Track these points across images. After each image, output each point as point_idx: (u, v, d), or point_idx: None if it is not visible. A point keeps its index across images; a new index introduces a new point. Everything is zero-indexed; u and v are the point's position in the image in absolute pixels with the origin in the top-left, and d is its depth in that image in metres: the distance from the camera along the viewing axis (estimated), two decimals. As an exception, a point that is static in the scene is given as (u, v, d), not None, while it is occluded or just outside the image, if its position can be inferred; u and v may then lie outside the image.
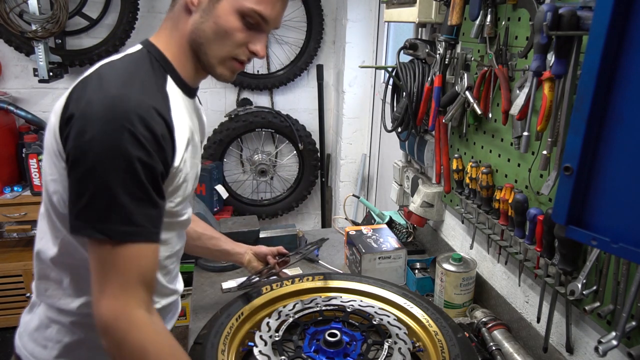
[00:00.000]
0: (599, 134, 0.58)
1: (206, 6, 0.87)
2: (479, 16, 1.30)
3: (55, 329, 0.95)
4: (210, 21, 0.87)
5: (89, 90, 0.81)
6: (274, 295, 1.25)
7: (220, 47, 0.89)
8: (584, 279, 1.00)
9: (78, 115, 0.78)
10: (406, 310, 1.20)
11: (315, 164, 3.42)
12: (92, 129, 0.77)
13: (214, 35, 0.88)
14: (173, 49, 0.91)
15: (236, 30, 0.88)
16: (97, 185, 0.77)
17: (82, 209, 0.78)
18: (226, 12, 0.86)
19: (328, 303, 1.22)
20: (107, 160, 0.76)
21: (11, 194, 2.78)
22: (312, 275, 1.33)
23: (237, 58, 0.91)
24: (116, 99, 0.78)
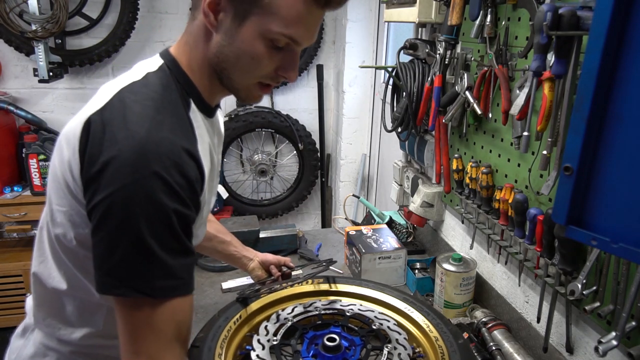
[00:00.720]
0: (599, 134, 0.58)
1: (228, 28, 0.76)
2: (479, 16, 1.30)
3: (53, 357, 0.89)
4: (234, 45, 0.77)
5: (114, 128, 0.71)
6: (273, 298, 1.23)
7: (245, 74, 0.80)
8: (584, 279, 1.00)
9: (104, 159, 0.69)
10: (406, 315, 1.17)
11: (315, 164, 3.42)
12: (122, 178, 0.68)
13: (239, 61, 0.78)
14: (194, 68, 0.82)
15: (263, 57, 0.77)
16: (132, 240, 0.69)
17: (115, 265, 0.70)
18: (251, 36, 0.75)
19: (327, 307, 1.21)
20: (142, 213, 0.68)
21: (11, 194, 2.78)
22: (311, 278, 1.31)
23: (265, 83, 0.83)
24: (147, 143, 0.69)
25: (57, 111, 3.10)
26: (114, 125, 0.71)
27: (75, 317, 0.87)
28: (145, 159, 0.69)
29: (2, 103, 2.80)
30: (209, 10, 0.75)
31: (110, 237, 0.70)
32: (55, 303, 0.87)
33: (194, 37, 0.81)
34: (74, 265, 0.82)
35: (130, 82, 0.78)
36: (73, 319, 0.87)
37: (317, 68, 3.27)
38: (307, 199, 3.57)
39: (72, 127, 0.76)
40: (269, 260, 1.34)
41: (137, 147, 0.69)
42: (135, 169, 0.68)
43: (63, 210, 0.79)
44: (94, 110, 0.75)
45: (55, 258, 0.85)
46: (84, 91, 3.12)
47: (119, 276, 0.70)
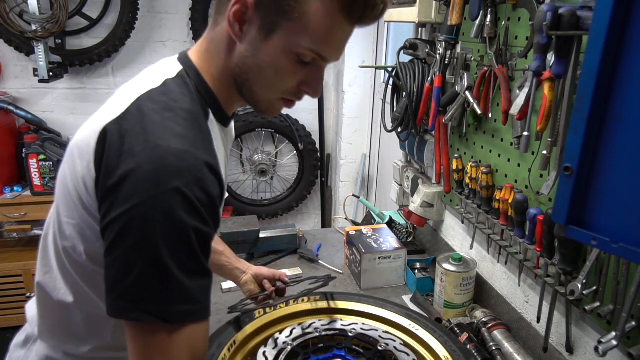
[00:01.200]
0: (599, 134, 0.58)
1: (254, 39, 0.72)
2: (479, 16, 1.30)
3: None
4: (258, 57, 0.73)
5: (133, 139, 0.67)
6: (267, 320, 1.15)
7: (268, 87, 0.77)
8: (584, 279, 1.00)
9: (121, 173, 0.65)
10: (412, 333, 1.12)
11: (315, 164, 3.42)
12: (141, 193, 0.64)
13: (262, 74, 0.75)
14: (215, 76, 0.78)
15: (288, 72, 0.74)
16: (149, 260, 0.64)
17: (130, 287, 0.65)
18: (277, 49, 0.72)
19: (328, 327, 1.13)
20: (160, 231, 0.64)
21: (11, 194, 2.78)
22: (306, 295, 1.25)
23: (287, 98, 0.80)
24: (167, 156, 0.65)
25: (57, 111, 3.10)
26: (133, 136, 0.67)
27: (82, 331, 0.83)
28: (166, 174, 0.64)
29: (2, 103, 2.81)
30: (235, 20, 0.72)
31: (125, 257, 0.65)
32: (61, 315, 0.83)
33: (215, 44, 0.77)
34: (82, 279, 0.79)
35: (148, 89, 0.73)
36: (80, 332, 0.83)
37: (317, 68, 3.27)
38: (307, 199, 3.57)
39: (86, 136, 0.71)
40: (262, 274, 1.24)
41: (157, 161, 0.65)
42: (155, 184, 0.64)
43: (73, 223, 0.74)
44: (110, 119, 0.70)
45: (61, 270, 0.81)
46: (84, 91, 3.12)
47: (133, 299, 0.65)
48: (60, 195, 0.77)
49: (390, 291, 1.59)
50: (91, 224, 0.72)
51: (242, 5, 0.70)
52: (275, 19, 0.70)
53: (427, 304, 1.46)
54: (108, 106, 0.74)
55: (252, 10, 0.70)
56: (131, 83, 0.78)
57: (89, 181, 0.69)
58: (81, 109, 3.14)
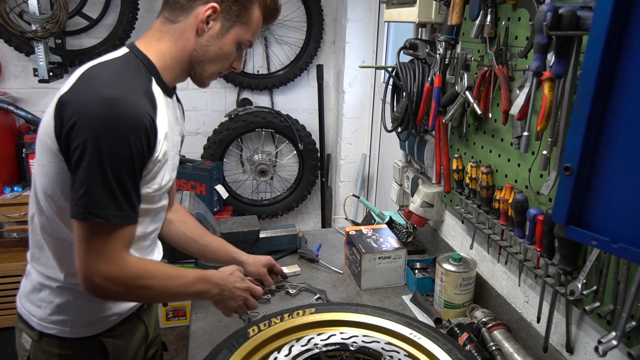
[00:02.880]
0: (599, 134, 0.58)
1: (215, 34, 1.03)
2: (479, 16, 1.30)
3: (46, 292, 1.08)
4: (216, 46, 1.04)
5: (85, 91, 0.91)
6: (262, 338, 1.11)
7: (216, 66, 1.08)
8: (584, 279, 1.00)
9: (77, 116, 0.88)
10: (415, 343, 1.09)
11: (315, 164, 3.42)
12: (93, 129, 0.87)
13: (216, 57, 1.06)
14: (166, 59, 1.04)
15: (231, 55, 1.09)
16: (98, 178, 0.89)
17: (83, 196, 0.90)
18: (230, 41, 1.05)
19: (327, 342, 1.09)
20: (110, 157, 0.89)
21: (11, 194, 2.78)
22: (301, 309, 1.21)
23: (222, 72, 1.13)
24: (114, 101, 0.89)
25: (57, 111, 3.10)
26: (85, 90, 0.92)
27: (57, 259, 1.06)
28: (114, 114, 0.88)
29: (2, 103, 2.81)
30: (204, 20, 1.01)
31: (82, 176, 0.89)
32: (45, 246, 1.06)
33: (173, 35, 1.03)
34: (56, 215, 1.01)
35: (96, 62, 0.98)
36: (56, 260, 1.06)
37: (317, 68, 3.27)
38: (307, 199, 3.57)
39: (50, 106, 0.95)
40: (260, 261, 1.44)
41: (106, 104, 0.88)
42: (106, 122, 0.88)
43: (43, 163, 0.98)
44: (64, 91, 0.93)
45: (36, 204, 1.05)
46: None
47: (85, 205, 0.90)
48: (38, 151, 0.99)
49: (390, 291, 1.59)
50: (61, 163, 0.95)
51: (213, 12, 1.01)
52: (232, 22, 1.04)
53: (427, 304, 1.46)
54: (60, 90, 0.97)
55: (218, 15, 1.02)
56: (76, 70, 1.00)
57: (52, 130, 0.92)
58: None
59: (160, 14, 1.06)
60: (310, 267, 1.73)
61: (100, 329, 1.12)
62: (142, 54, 1.02)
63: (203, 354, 1.14)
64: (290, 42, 3.33)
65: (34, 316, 1.09)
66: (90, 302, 1.09)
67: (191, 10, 1.01)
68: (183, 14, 1.02)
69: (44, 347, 1.10)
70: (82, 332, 1.10)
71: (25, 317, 1.11)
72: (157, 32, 1.04)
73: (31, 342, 1.11)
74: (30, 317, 1.10)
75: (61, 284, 1.07)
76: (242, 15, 1.04)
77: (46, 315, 1.08)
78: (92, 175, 0.89)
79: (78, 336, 1.10)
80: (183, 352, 2.77)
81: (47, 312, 1.08)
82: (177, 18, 1.03)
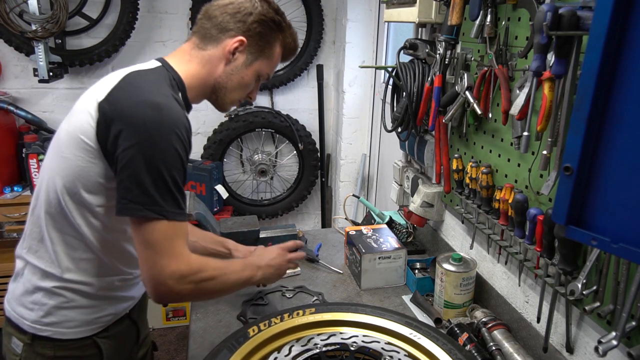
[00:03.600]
0: (599, 134, 0.58)
1: (240, 64, 1.12)
2: (479, 16, 1.30)
3: (39, 295, 1.08)
4: (239, 75, 1.13)
5: (130, 96, 0.96)
6: (262, 338, 1.11)
7: (237, 94, 1.17)
8: (584, 279, 1.00)
9: (125, 120, 0.93)
10: (414, 343, 1.10)
11: (315, 164, 3.42)
12: (143, 132, 0.92)
13: (237, 86, 1.15)
14: (193, 79, 1.11)
15: (250, 85, 1.18)
16: (153, 178, 0.93)
17: (139, 195, 0.93)
18: (251, 72, 1.15)
19: (328, 342, 1.09)
20: (162, 157, 0.93)
21: (11, 194, 2.78)
22: (301, 309, 1.21)
23: (240, 101, 1.22)
24: (160, 106, 0.95)
25: (57, 111, 3.10)
26: (130, 95, 0.96)
27: (58, 254, 1.06)
28: (163, 117, 0.94)
29: (2, 103, 2.80)
30: (231, 52, 1.10)
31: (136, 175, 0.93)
32: (43, 240, 1.07)
33: (202, 60, 1.11)
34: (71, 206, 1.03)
35: (133, 70, 1.03)
36: (56, 255, 1.06)
37: (317, 68, 3.27)
38: (307, 199, 3.57)
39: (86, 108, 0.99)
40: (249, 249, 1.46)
41: (154, 108, 0.94)
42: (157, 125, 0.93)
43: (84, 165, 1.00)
44: (102, 97, 0.97)
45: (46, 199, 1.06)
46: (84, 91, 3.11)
47: (142, 202, 0.93)
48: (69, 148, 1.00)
49: (390, 291, 1.59)
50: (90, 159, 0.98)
51: (240, 45, 1.10)
52: (256, 55, 1.14)
53: (427, 304, 1.46)
54: (94, 90, 1.01)
55: (244, 48, 1.11)
56: (109, 75, 1.06)
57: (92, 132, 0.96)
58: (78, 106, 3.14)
59: (190, 39, 1.14)
60: (310, 267, 1.73)
61: (95, 330, 1.12)
62: (173, 70, 1.08)
63: (203, 354, 1.14)
64: (290, 42, 3.32)
65: (26, 319, 1.08)
66: (85, 302, 1.09)
67: (220, 41, 1.10)
68: (212, 44, 1.10)
69: (37, 350, 1.09)
70: (77, 333, 1.10)
71: (16, 321, 1.10)
72: (186, 54, 1.12)
73: (22, 345, 1.10)
74: (22, 321, 1.09)
75: (57, 283, 1.07)
76: (266, 50, 1.14)
77: (39, 317, 1.08)
78: (146, 174, 0.92)
79: (73, 337, 1.10)
80: (183, 352, 2.77)
81: (41, 314, 1.08)
82: (206, 46, 1.11)
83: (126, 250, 1.12)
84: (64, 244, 1.06)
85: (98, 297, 1.11)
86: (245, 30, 1.10)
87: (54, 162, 1.03)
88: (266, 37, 1.13)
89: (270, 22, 1.12)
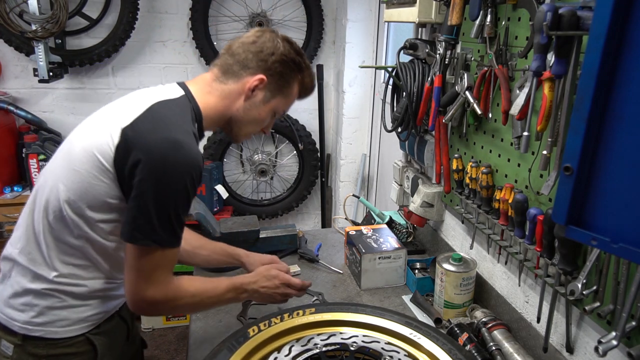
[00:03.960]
0: (599, 134, 0.58)
1: (258, 101, 1.16)
2: (479, 16, 1.30)
3: (30, 297, 1.09)
4: (255, 112, 1.17)
5: (152, 129, 0.99)
6: (262, 338, 1.11)
7: (251, 128, 1.22)
8: (584, 279, 1.00)
9: (144, 153, 0.96)
10: (415, 343, 1.09)
11: (315, 164, 3.42)
12: (159, 168, 0.96)
13: (253, 121, 1.19)
14: (211, 111, 1.14)
15: (265, 121, 1.22)
16: (159, 211, 0.98)
17: (144, 225, 0.98)
18: (268, 110, 1.19)
19: (328, 342, 1.09)
20: (172, 194, 0.99)
21: (11, 194, 2.78)
22: (301, 309, 1.22)
23: (254, 134, 1.28)
24: (179, 144, 0.98)
25: (57, 111, 3.10)
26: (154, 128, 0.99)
27: (51, 258, 1.08)
28: (179, 156, 0.97)
29: (2, 103, 2.80)
30: (251, 89, 1.13)
31: (145, 206, 0.98)
32: (39, 243, 1.08)
33: (223, 93, 1.15)
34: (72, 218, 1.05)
35: (161, 100, 1.06)
36: (49, 260, 1.08)
37: (317, 68, 3.27)
38: (307, 199, 3.57)
39: (105, 137, 1.00)
40: (262, 261, 1.42)
41: (173, 146, 0.97)
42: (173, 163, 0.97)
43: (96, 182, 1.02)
44: (127, 123, 1.00)
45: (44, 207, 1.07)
46: (84, 91, 3.12)
47: (145, 231, 0.99)
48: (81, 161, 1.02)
49: (390, 291, 1.59)
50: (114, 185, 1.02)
51: (260, 83, 1.13)
52: (274, 93, 1.17)
53: (427, 304, 1.46)
54: (118, 113, 1.03)
55: (264, 86, 1.15)
56: (134, 97, 1.08)
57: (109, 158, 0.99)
58: (81, 109, 3.14)
59: (212, 69, 1.17)
60: (310, 267, 1.73)
61: (87, 327, 1.13)
62: (195, 100, 1.12)
63: (203, 354, 1.14)
64: (290, 42, 3.32)
65: (17, 320, 1.08)
66: (77, 302, 1.11)
67: (241, 77, 1.14)
68: (233, 79, 1.14)
69: (29, 350, 1.10)
70: (70, 332, 1.11)
71: (5, 323, 1.10)
72: (207, 85, 1.15)
73: (13, 347, 1.10)
74: (12, 322, 1.09)
75: (48, 285, 1.08)
76: (284, 89, 1.18)
77: (30, 318, 1.08)
78: (154, 208, 0.97)
79: (66, 336, 1.11)
80: (183, 352, 2.77)
81: (32, 314, 1.08)
82: (227, 81, 1.15)
83: (120, 258, 1.13)
84: (58, 249, 1.07)
85: (89, 297, 1.12)
86: (266, 69, 1.13)
87: (63, 172, 1.04)
88: (286, 76, 1.17)
89: (291, 63, 1.16)
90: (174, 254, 1.07)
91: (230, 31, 3.22)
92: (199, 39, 3.08)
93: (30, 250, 1.09)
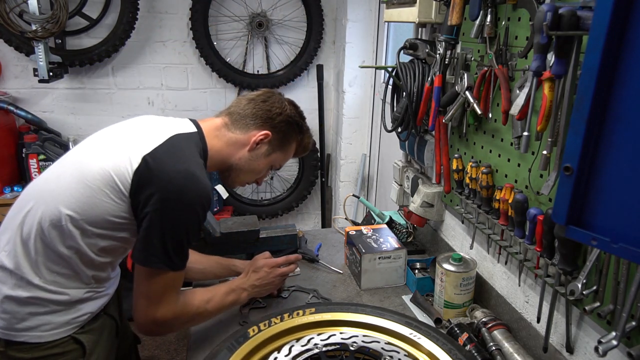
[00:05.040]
0: (599, 134, 0.58)
1: (260, 154, 1.27)
2: (479, 16, 1.30)
3: (12, 304, 1.09)
4: (256, 163, 1.27)
5: (173, 160, 1.06)
6: (262, 338, 1.11)
7: (248, 177, 1.31)
8: (584, 279, 1.00)
9: (160, 184, 1.03)
10: (415, 343, 1.10)
11: (315, 164, 3.42)
12: (175, 198, 1.03)
13: (252, 170, 1.29)
14: (215, 154, 1.22)
15: (262, 173, 1.33)
16: (171, 237, 1.06)
17: (159, 249, 1.05)
18: (267, 162, 1.30)
19: (327, 342, 1.09)
20: (185, 222, 1.07)
21: (11, 194, 2.78)
22: (301, 309, 1.22)
23: (249, 182, 1.34)
24: (194, 178, 1.06)
25: (57, 111, 3.10)
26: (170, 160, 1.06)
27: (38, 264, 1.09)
28: (191, 188, 1.05)
29: (2, 103, 2.81)
30: (256, 142, 1.24)
31: (160, 232, 1.05)
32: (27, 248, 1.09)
33: (226, 140, 1.24)
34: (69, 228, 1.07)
35: (178, 133, 1.14)
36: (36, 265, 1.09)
37: (317, 68, 3.27)
38: (307, 199, 3.57)
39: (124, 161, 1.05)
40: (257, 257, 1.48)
41: (187, 179, 1.05)
42: (185, 194, 1.04)
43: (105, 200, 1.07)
44: (149, 150, 1.06)
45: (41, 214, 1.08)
46: (84, 91, 3.12)
47: (159, 255, 1.06)
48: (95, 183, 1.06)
49: (390, 291, 1.59)
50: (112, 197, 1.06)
51: (265, 138, 1.25)
52: (275, 148, 1.29)
53: (427, 304, 1.46)
54: (138, 139, 1.09)
55: (268, 141, 1.26)
56: (152, 125, 1.17)
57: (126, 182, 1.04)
58: (81, 109, 3.14)
59: (223, 115, 1.27)
60: (310, 267, 1.73)
61: (73, 329, 1.15)
62: (205, 142, 1.20)
63: (203, 354, 1.14)
64: (290, 42, 3.33)
65: (1, 327, 1.09)
66: (60, 308, 1.11)
67: (248, 130, 1.24)
68: (241, 130, 1.24)
69: (12, 355, 1.10)
70: (55, 335, 1.11)
71: None
72: (216, 129, 1.24)
73: None
74: None
75: (30, 293, 1.08)
76: (284, 146, 1.31)
77: (12, 325, 1.08)
78: (169, 235, 1.05)
79: (51, 339, 1.11)
80: (183, 352, 2.77)
81: (14, 321, 1.08)
82: (235, 130, 1.24)
83: (105, 272, 1.19)
84: (46, 256, 1.08)
85: (72, 303, 1.13)
86: (273, 126, 1.26)
87: (73, 184, 1.06)
88: (288, 135, 1.30)
89: (294, 124, 1.30)
90: (182, 276, 1.14)
91: (230, 31, 3.22)
92: (199, 39, 3.08)
93: (16, 253, 1.09)
